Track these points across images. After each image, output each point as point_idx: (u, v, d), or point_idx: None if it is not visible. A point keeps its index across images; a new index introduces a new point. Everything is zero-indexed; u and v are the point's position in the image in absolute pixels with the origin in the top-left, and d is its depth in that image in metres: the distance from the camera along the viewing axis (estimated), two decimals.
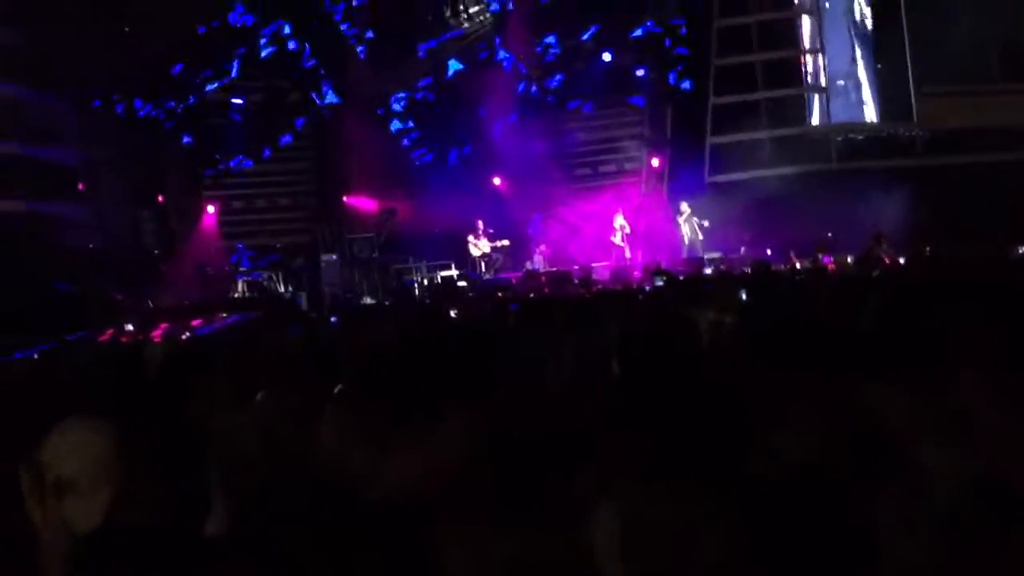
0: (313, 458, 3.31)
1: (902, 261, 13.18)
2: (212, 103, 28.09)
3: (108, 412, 2.97)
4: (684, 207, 26.35)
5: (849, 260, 14.86)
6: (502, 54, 28.99)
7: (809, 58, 29.15)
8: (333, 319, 14.55)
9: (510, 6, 28.64)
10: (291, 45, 28.38)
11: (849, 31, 29.98)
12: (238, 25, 27.84)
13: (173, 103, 27.51)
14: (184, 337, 13.00)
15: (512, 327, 7.55)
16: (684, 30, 28.47)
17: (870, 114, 29.89)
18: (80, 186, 26.18)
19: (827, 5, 29.59)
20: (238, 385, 5.52)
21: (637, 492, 2.44)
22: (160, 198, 27.75)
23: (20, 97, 24.40)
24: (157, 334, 16.50)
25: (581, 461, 2.78)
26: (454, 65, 28.72)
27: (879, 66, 29.74)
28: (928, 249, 14.26)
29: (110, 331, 18.25)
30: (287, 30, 28.24)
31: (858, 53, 29.98)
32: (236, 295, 26.01)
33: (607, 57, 28.43)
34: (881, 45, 29.68)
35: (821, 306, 5.99)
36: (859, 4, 30.08)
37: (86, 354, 10.92)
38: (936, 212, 24.57)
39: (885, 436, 3.05)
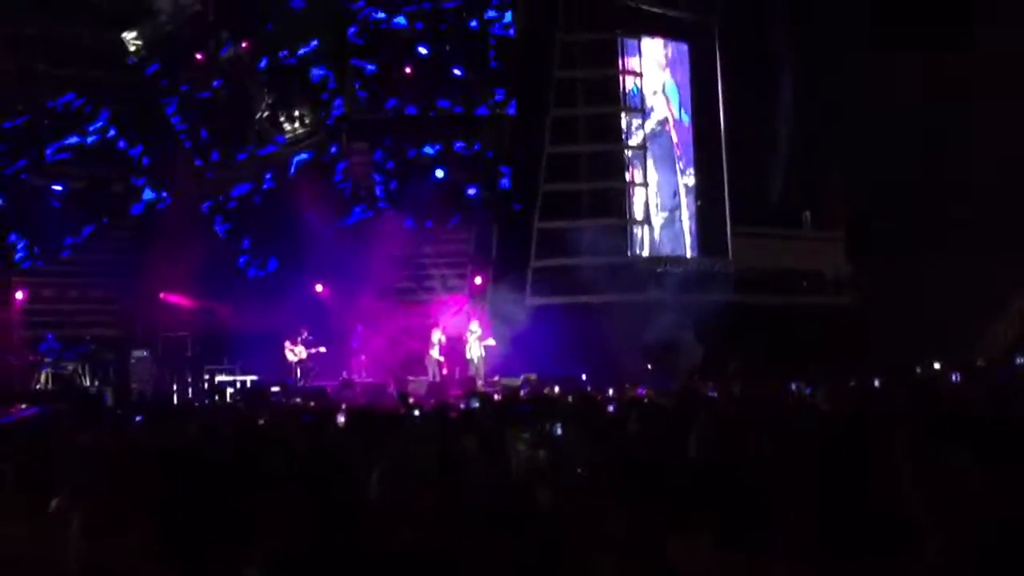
0: None
1: (714, 395, 13.47)
2: (30, 188, 27.25)
3: None
4: (474, 326, 26.37)
5: (658, 393, 15.13)
6: (334, 159, 29.13)
7: (635, 191, 29.98)
8: (138, 418, 14.09)
9: (346, 115, 28.85)
10: (118, 138, 27.94)
11: (675, 168, 31.07)
12: (72, 109, 27.31)
13: None
14: None
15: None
16: (515, 154, 29.07)
17: (689, 249, 30.88)
18: None
19: (655, 144, 30.63)
20: (29, 488, 5.22)
21: None
22: None
23: None
24: None
25: None
26: (298, 158, 28.69)
27: (699, 203, 30.82)
28: (736, 387, 14.64)
29: None
30: (114, 122, 27.77)
31: (681, 190, 31.05)
32: (38, 386, 24.99)
33: (440, 174, 28.78)
34: (703, 184, 30.82)
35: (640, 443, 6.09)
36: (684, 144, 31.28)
37: None
38: (744, 348, 25.37)
39: None
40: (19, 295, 26.65)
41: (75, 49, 27.26)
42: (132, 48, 27.78)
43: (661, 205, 30.70)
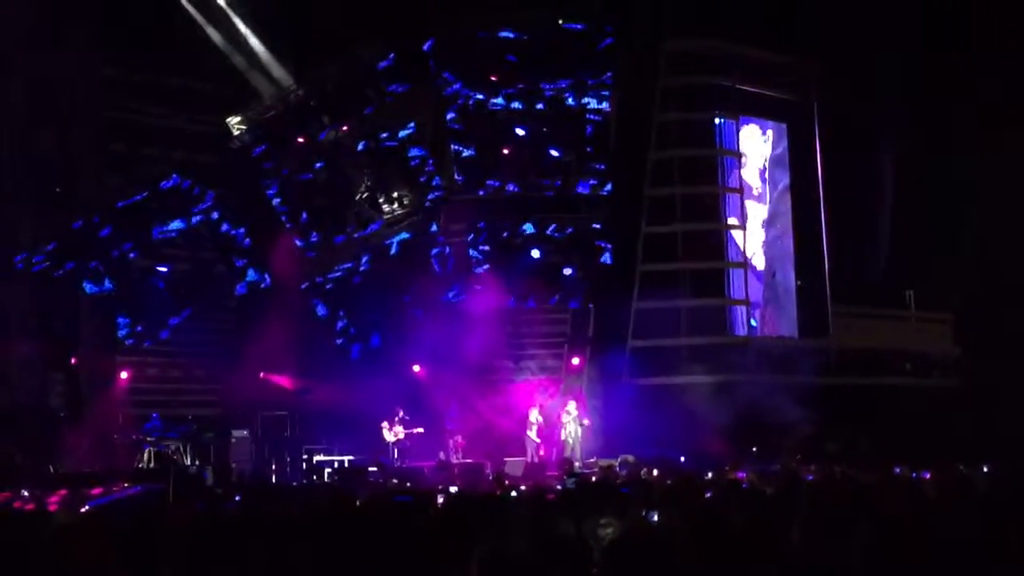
0: None
1: (811, 478, 13.19)
2: (136, 268, 27.90)
3: None
4: (571, 407, 26.15)
5: (759, 476, 14.83)
6: (431, 239, 29.35)
7: (732, 269, 29.72)
8: (237, 497, 14.19)
9: (444, 196, 29.10)
10: (224, 222, 28.61)
11: (772, 246, 30.78)
12: (181, 191, 28.02)
13: (96, 264, 27.29)
14: (83, 508, 12.56)
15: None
16: (612, 233, 29.00)
17: (788, 328, 30.45)
18: None
19: (754, 221, 30.41)
20: (134, 565, 5.26)
21: None
22: (73, 360, 27.18)
23: None
24: (54, 501, 15.97)
25: None
26: (397, 238, 28.95)
27: (799, 283, 30.43)
28: (838, 471, 14.35)
29: (6, 494, 17.66)
30: (218, 204, 28.46)
31: (779, 268, 30.71)
32: (141, 465, 25.32)
33: (536, 254, 28.76)
34: (802, 263, 30.46)
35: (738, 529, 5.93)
36: (783, 221, 30.97)
37: None
38: (846, 430, 24.89)
39: None
40: (124, 374, 27.14)
41: (182, 133, 28.04)
42: (236, 132, 28.46)
43: (759, 283, 30.41)
